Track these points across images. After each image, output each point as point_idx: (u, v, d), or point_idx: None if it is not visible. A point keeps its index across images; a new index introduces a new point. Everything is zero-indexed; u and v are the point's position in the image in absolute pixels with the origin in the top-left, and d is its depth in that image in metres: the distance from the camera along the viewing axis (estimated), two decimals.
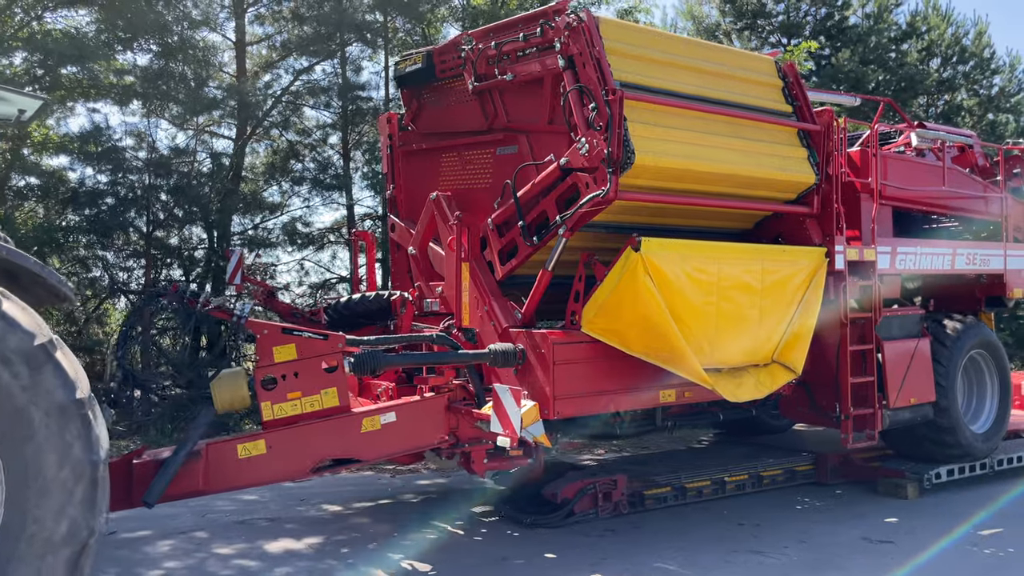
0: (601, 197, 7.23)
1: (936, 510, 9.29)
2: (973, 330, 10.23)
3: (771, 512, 9.16)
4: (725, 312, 7.81)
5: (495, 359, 7.46)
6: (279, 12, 18.49)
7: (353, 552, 7.80)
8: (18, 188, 16.11)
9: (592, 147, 7.25)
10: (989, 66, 28.40)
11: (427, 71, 8.92)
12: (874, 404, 9.06)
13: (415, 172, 9.44)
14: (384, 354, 7.27)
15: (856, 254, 8.97)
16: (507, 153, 8.36)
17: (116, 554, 7.63)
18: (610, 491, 8.77)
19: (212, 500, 9.22)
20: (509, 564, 7.50)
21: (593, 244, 7.89)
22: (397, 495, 9.87)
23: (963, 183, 10.53)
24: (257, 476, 6.92)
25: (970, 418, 10.48)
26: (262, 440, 6.84)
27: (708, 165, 7.81)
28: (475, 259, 8.18)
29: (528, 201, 7.87)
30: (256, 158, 19.49)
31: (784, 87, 8.78)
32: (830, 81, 23.58)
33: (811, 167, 8.58)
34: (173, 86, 16.26)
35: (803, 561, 7.57)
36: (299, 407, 6.94)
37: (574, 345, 7.57)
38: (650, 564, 7.43)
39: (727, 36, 25.80)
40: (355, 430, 7.08)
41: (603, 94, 7.17)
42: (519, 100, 8.17)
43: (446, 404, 7.44)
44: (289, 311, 9.24)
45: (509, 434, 6.73)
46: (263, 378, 6.84)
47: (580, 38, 7.38)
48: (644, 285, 7.27)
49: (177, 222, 17.09)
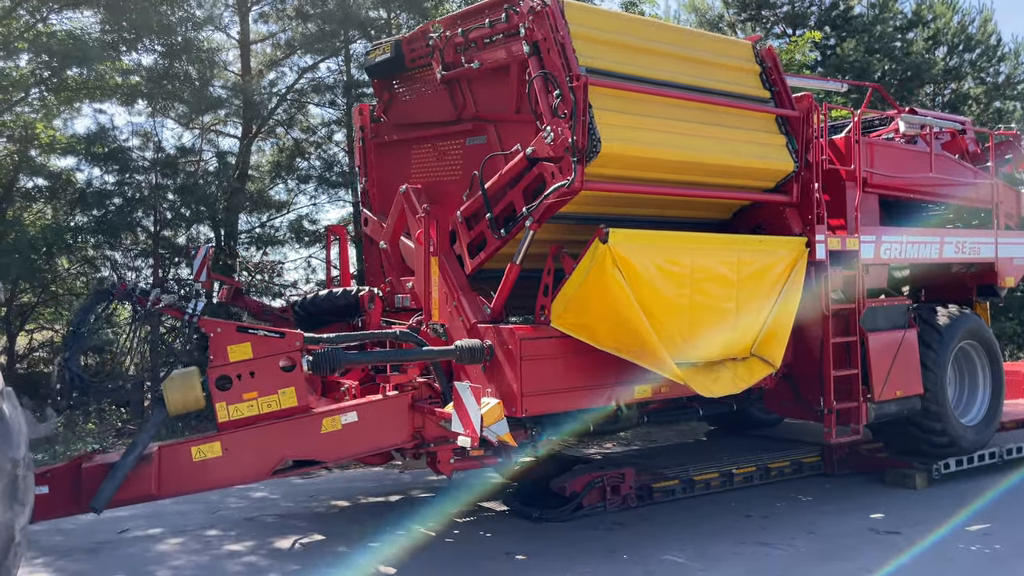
0: (567, 187, 6.77)
1: (945, 500, 8.96)
2: (963, 320, 9.66)
3: (779, 504, 8.96)
4: (699, 305, 7.32)
5: (461, 355, 7.00)
6: (283, 10, 18.07)
7: (361, 547, 7.58)
8: (26, 189, 15.84)
9: (557, 135, 6.80)
10: (995, 54, 27.54)
11: (397, 61, 8.45)
12: (858, 397, 8.49)
13: (387, 165, 8.98)
14: (345, 352, 6.82)
15: (838, 243, 8.44)
16: (476, 144, 7.89)
17: (127, 552, 7.55)
18: (618, 484, 8.57)
19: (223, 497, 9.23)
20: (517, 558, 7.32)
21: (562, 236, 7.42)
22: (406, 490, 9.62)
23: (952, 169, 9.96)
24: (213, 479, 6.55)
25: (961, 410, 9.97)
26: (217, 442, 6.45)
27: (680, 153, 7.31)
28: (444, 253, 7.72)
29: (496, 193, 7.42)
30: (262, 156, 19.13)
31: (762, 72, 8.27)
32: (835, 71, 22.97)
33: (790, 154, 8.06)
34: (178, 86, 15.87)
35: (811, 552, 7.40)
36: (256, 407, 6.57)
37: (543, 340, 7.13)
38: (658, 557, 7.24)
39: (731, 28, 25.15)
40: (315, 430, 6.69)
41: (567, 80, 6.66)
42: (487, 89, 7.72)
43: (410, 403, 7.05)
44: (259, 308, 8.78)
45: (470, 434, 6.33)
46: (217, 378, 6.45)
47: (544, 23, 6.90)
48: (612, 278, 6.81)
49: (184, 221, 16.75)
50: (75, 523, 8.01)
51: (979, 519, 8.30)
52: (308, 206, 18.89)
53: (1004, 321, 21.56)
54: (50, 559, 7.35)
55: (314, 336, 6.83)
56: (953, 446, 9.44)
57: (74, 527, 8.06)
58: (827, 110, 8.43)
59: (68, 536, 7.93)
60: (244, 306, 8.91)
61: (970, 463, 9.73)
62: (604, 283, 6.85)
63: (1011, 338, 21.93)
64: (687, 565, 7.06)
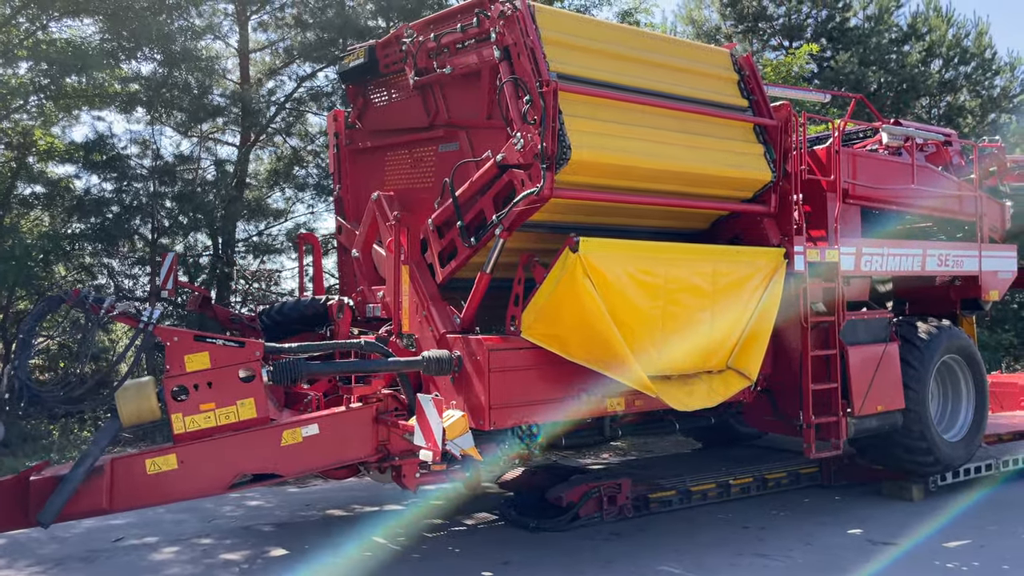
0: (536, 195, 6.43)
1: (941, 512, 8.80)
2: (945, 334, 9.24)
3: (776, 515, 8.83)
4: (673, 316, 6.95)
5: (428, 367, 6.62)
6: (282, 19, 17.83)
7: (358, 558, 7.42)
8: (24, 196, 15.54)
9: (527, 142, 6.49)
10: (990, 67, 27.35)
11: (371, 66, 8.12)
12: (838, 412, 8.07)
13: (362, 171, 8.64)
14: (307, 362, 6.44)
15: (817, 255, 8.06)
16: (449, 150, 7.57)
17: (122, 560, 7.38)
18: (615, 495, 8.39)
19: (218, 506, 9.07)
20: (514, 568, 7.15)
21: (534, 245, 7.08)
22: (402, 500, 9.36)
23: (935, 181, 9.57)
24: (168, 493, 6.19)
25: (944, 426, 9.55)
26: (173, 455, 6.11)
27: (653, 161, 6.96)
28: (415, 262, 7.38)
29: (467, 200, 7.09)
30: (260, 164, 18.88)
31: (740, 81, 7.92)
32: (831, 83, 22.69)
33: (767, 164, 7.70)
34: (177, 94, 15.63)
35: (808, 564, 7.26)
36: (213, 419, 6.24)
37: (512, 351, 6.79)
38: (655, 567, 7.09)
39: (728, 39, 24.79)
40: (274, 443, 6.35)
41: (537, 86, 6.27)
42: (459, 94, 7.38)
43: (374, 415, 6.67)
44: (228, 317, 8.37)
45: (431, 447, 5.98)
46: (173, 388, 6.10)
47: (515, 27, 6.58)
48: (583, 288, 6.45)
49: (182, 229, 16.47)
50: (70, 532, 7.94)
51: (978, 530, 8.16)
52: (306, 214, 18.63)
53: (1000, 333, 21.32)
54: (45, 567, 7.18)
55: (275, 346, 6.49)
56: (936, 463, 9.04)
57: (68, 536, 7.91)
58: (806, 119, 7.97)
59: (63, 544, 7.73)
60: (213, 314, 8.53)
61: (967, 475, 9.55)
62: (575, 293, 6.52)
63: (1007, 349, 21.61)
64: None
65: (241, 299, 17.28)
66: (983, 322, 20.26)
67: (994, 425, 11.38)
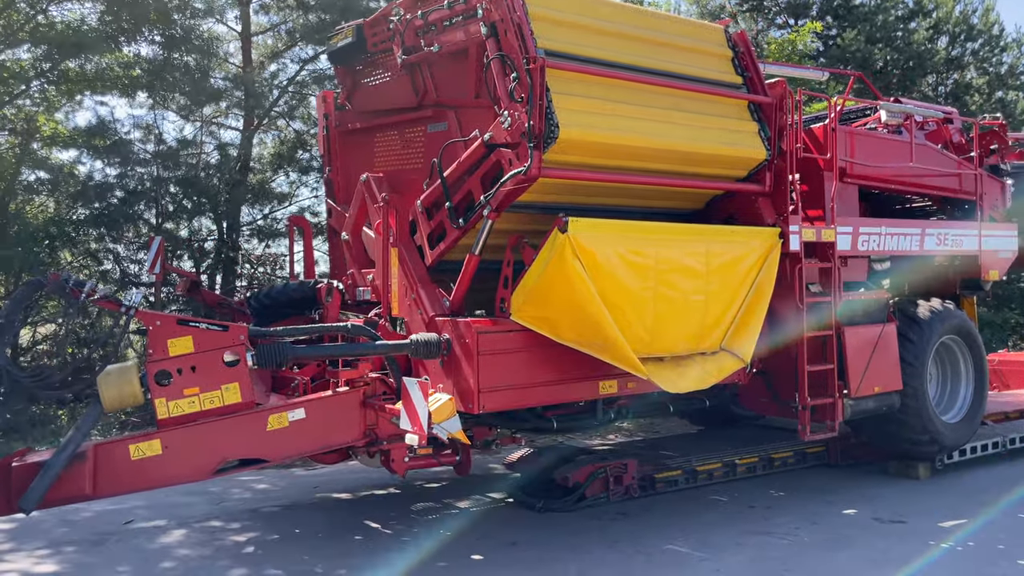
0: (523, 174, 6.28)
1: (948, 490, 8.82)
2: (945, 315, 9.10)
3: (782, 493, 8.76)
4: (665, 297, 6.80)
5: (417, 350, 6.50)
6: (284, 1, 17.50)
7: (366, 539, 7.37)
8: (29, 183, 15.35)
9: (514, 120, 6.32)
10: (998, 43, 26.76)
11: (359, 46, 7.95)
12: (834, 393, 7.91)
13: (352, 153, 8.48)
14: (292, 346, 6.28)
15: (813, 234, 7.88)
16: (438, 130, 7.41)
17: (132, 543, 7.32)
18: (621, 475, 8.33)
19: (226, 488, 9.00)
20: (521, 548, 7.10)
21: (524, 226, 6.94)
22: (409, 481, 9.26)
23: (934, 160, 9.39)
24: (153, 479, 6.08)
25: (943, 407, 9.41)
26: (157, 440, 6.00)
27: (644, 140, 6.78)
28: (404, 244, 7.22)
29: (455, 181, 6.94)
30: (263, 148, 18.60)
31: (734, 57, 7.74)
32: (837, 61, 22.39)
33: (762, 142, 7.53)
34: (178, 77, 15.33)
35: (814, 542, 7.21)
36: (197, 404, 6.12)
37: (502, 334, 6.67)
38: (661, 547, 7.05)
39: (733, 18, 24.38)
40: (260, 428, 6.25)
41: (524, 63, 6.07)
42: (447, 73, 7.22)
43: (361, 399, 6.52)
44: (217, 302, 8.24)
45: (417, 431, 5.87)
46: (156, 373, 5.98)
47: (502, 3, 6.44)
48: (573, 269, 6.30)
49: (186, 214, 16.30)
50: (80, 514, 7.91)
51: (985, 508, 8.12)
52: (310, 198, 18.44)
53: (1007, 312, 21.18)
54: (55, 550, 7.13)
55: (260, 330, 6.36)
56: (934, 444, 8.90)
57: (78, 519, 7.87)
58: (802, 96, 7.77)
59: (73, 527, 7.69)
60: (201, 299, 8.39)
61: (973, 453, 9.51)
62: (564, 274, 6.37)
63: (1014, 328, 21.48)
64: (690, 555, 6.88)
65: (247, 283, 17.14)
66: (988, 302, 20.16)
67: (1001, 403, 11.39)
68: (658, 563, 6.70)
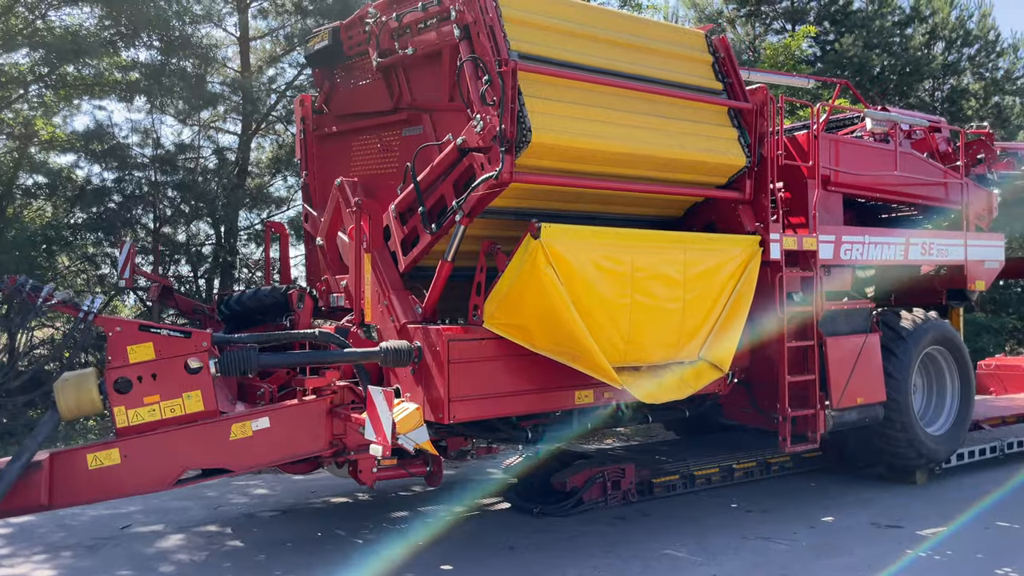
0: (494, 179, 6.07)
1: (945, 495, 8.75)
2: (930, 325, 8.86)
3: (779, 498, 8.67)
4: (641, 305, 6.58)
5: (386, 358, 6.26)
6: (282, 6, 17.41)
7: (362, 544, 7.22)
8: (26, 187, 15.21)
9: (486, 124, 6.05)
10: (994, 49, 26.72)
11: (335, 48, 7.74)
12: (815, 404, 7.64)
13: (329, 157, 8.26)
14: (257, 354, 6.02)
15: (794, 243, 7.64)
16: (413, 134, 7.19)
17: (130, 548, 7.20)
18: (619, 479, 8.25)
19: (223, 493, 8.88)
20: (518, 553, 7.00)
21: (497, 232, 6.74)
22: (407, 485, 9.12)
23: (920, 169, 9.17)
24: (111, 489, 5.86)
25: (928, 419, 9.16)
26: (116, 449, 5.77)
27: (621, 145, 6.56)
28: (377, 249, 6.96)
29: (429, 185, 6.74)
30: (261, 152, 18.48)
31: (715, 63, 7.51)
32: (834, 66, 22.25)
33: (742, 148, 7.30)
34: (177, 82, 15.18)
35: (812, 546, 7.15)
36: (158, 412, 5.90)
37: (474, 342, 6.45)
38: (659, 551, 6.96)
39: (730, 23, 24.23)
40: (223, 437, 6.02)
41: (496, 65, 5.80)
42: (422, 76, 7.02)
43: (328, 408, 6.24)
44: (191, 308, 7.96)
45: (381, 442, 5.61)
46: (116, 380, 5.76)
47: (475, 4, 6.22)
48: (546, 276, 6.08)
49: (184, 218, 16.16)
50: (77, 519, 7.81)
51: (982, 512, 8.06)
52: None
53: (1004, 316, 21.04)
54: (52, 554, 7.00)
55: (224, 336, 6.13)
56: (919, 457, 8.69)
57: (75, 523, 7.75)
58: (783, 103, 7.53)
59: (70, 532, 7.55)
60: (174, 305, 8.13)
61: (971, 457, 9.46)
62: (537, 281, 6.15)
63: (1011, 333, 21.36)
64: (688, 559, 6.79)
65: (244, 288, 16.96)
66: (986, 307, 20.02)
67: (999, 408, 11.30)
68: (656, 568, 6.59)
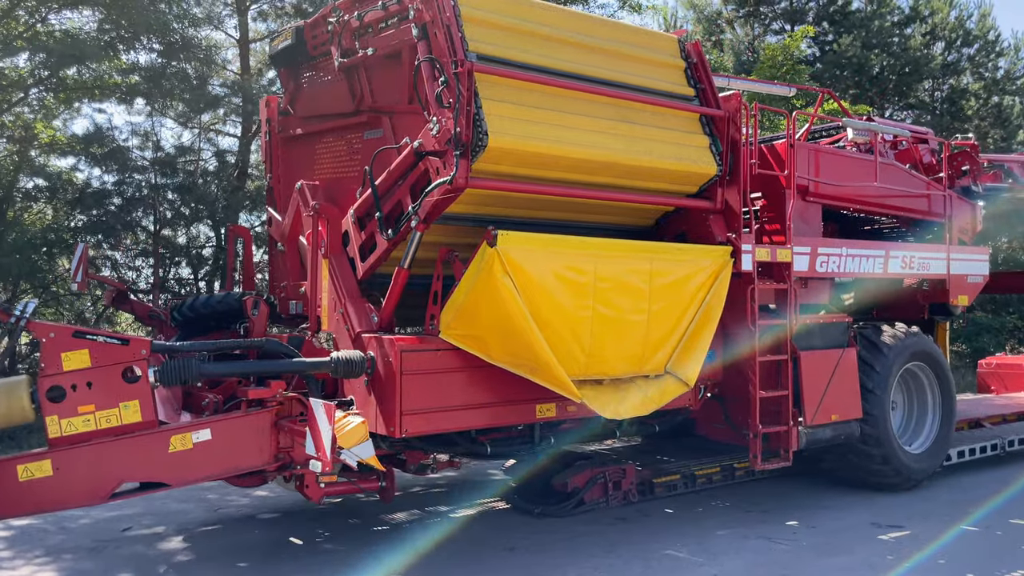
0: (449, 184, 5.66)
1: (946, 494, 8.61)
2: (910, 340, 8.49)
3: (780, 498, 8.50)
4: (604, 317, 6.26)
5: (337, 368, 5.92)
6: (281, 8, 17.24)
7: (366, 543, 7.01)
8: (27, 190, 15.06)
9: (442, 127, 5.65)
10: (994, 49, 26.43)
11: (299, 48, 7.44)
12: (788, 421, 7.24)
13: (294, 160, 7.96)
14: (200, 363, 5.69)
15: (767, 254, 7.30)
16: (374, 137, 6.90)
17: (131, 550, 7.01)
18: (619, 480, 8.06)
19: (224, 494, 8.65)
20: (519, 554, 6.82)
21: (456, 239, 6.42)
22: (408, 487, 8.91)
23: (902, 180, 8.80)
24: (42, 502, 5.53)
25: (908, 437, 8.79)
26: (47, 460, 5.43)
27: (584, 151, 6.22)
28: (335, 255, 6.60)
29: (386, 190, 6.39)
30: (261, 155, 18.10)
31: (687, 68, 7.14)
32: (833, 67, 21.92)
33: (713, 157, 6.93)
34: (177, 84, 14.98)
35: (813, 546, 7.00)
36: (93, 422, 5.55)
37: (428, 353, 6.12)
38: (660, 552, 6.80)
39: (729, 24, 23.89)
40: (161, 450, 5.67)
41: (453, 66, 5.43)
42: (382, 77, 6.74)
43: (273, 420, 5.83)
44: (147, 313, 7.60)
45: (321, 458, 5.20)
46: (48, 388, 5.41)
47: (432, 3, 5.86)
48: (502, 285, 5.78)
49: (184, 220, 16.01)
50: (77, 522, 7.66)
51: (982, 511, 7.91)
52: None
53: (1004, 315, 20.93)
54: (54, 557, 6.78)
55: (165, 344, 5.75)
56: (897, 475, 8.31)
57: (76, 526, 7.57)
58: (758, 110, 7.15)
59: (70, 535, 7.34)
60: (130, 309, 7.76)
61: (972, 455, 9.32)
62: (493, 291, 5.84)
63: (1011, 332, 21.21)
64: (688, 560, 6.63)
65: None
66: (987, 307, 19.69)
67: (999, 406, 11.14)
68: (657, 568, 6.42)
